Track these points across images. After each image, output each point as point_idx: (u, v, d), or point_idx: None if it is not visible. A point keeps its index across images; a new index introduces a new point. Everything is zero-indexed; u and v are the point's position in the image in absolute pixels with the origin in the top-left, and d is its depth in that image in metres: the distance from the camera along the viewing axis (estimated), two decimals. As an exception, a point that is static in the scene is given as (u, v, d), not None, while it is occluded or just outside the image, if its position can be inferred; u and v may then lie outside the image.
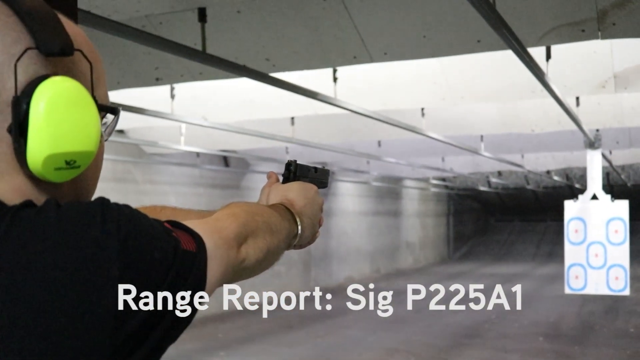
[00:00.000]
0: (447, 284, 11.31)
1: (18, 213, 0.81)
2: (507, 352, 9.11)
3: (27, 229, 0.80)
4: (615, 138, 9.96)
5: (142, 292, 0.83)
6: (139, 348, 0.84)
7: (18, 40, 0.86)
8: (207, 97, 6.91)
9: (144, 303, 0.83)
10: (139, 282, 0.83)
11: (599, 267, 6.24)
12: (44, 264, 0.78)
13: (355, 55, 4.37)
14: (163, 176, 11.52)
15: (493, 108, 7.98)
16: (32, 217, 0.81)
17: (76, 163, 0.88)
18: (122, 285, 0.81)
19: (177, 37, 3.82)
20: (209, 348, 9.27)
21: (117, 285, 0.81)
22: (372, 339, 9.94)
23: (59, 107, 0.86)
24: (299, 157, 11.21)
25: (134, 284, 0.82)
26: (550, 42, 4.09)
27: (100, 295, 0.80)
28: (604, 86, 5.82)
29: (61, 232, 0.80)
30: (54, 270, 0.78)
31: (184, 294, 0.88)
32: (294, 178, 1.41)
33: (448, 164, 14.37)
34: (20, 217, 0.81)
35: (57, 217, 0.82)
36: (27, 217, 0.81)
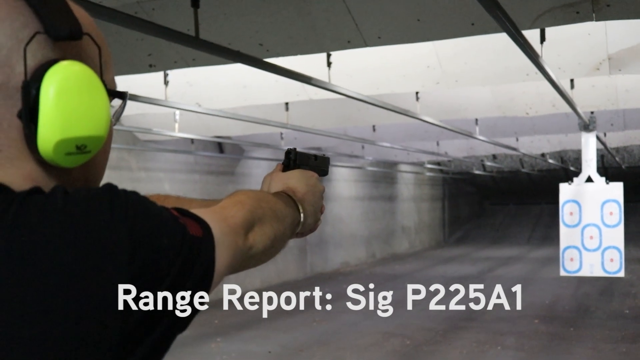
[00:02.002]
0: (444, 267, 11.41)
1: (26, 199, 0.81)
2: (502, 335, 9.16)
3: (34, 215, 0.80)
4: (610, 120, 9.97)
5: (151, 276, 0.83)
6: (149, 335, 0.84)
7: (26, 24, 0.85)
8: (201, 83, 6.88)
9: (153, 288, 0.83)
10: (149, 266, 0.83)
11: (594, 249, 6.25)
12: (53, 249, 0.78)
13: (349, 39, 4.35)
14: (157, 163, 11.50)
15: (487, 91, 7.97)
16: (39, 203, 0.81)
17: (87, 148, 0.88)
18: (132, 269, 0.81)
19: (170, 23, 3.80)
20: (205, 334, 9.30)
21: (127, 270, 0.81)
22: (368, 324, 9.98)
23: (69, 91, 0.85)
24: (294, 142, 11.21)
25: (144, 269, 0.82)
26: (545, 24, 4.07)
27: (111, 279, 0.79)
28: (599, 68, 5.81)
29: (69, 218, 0.80)
30: (63, 255, 0.78)
31: (193, 280, 0.88)
32: (294, 166, 1.41)
33: (443, 147, 14.37)
34: (28, 203, 0.81)
35: (64, 203, 0.81)
36: (34, 203, 0.81)
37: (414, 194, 23.55)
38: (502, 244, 24.35)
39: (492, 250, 22.55)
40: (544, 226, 25.62)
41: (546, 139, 13.85)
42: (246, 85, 6.88)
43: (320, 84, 5.12)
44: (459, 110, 8.50)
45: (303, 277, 15.79)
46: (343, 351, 8.50)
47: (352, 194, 18.72)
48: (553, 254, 17.59)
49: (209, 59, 4.68)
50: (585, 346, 8.51)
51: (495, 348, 8.50)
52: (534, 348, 8.49)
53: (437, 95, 7.98)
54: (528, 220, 27.11)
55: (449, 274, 15.54)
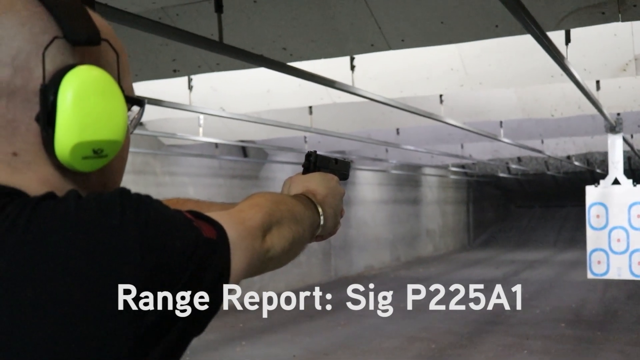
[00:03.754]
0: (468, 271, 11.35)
1: (39, 204, 0.81)
2: (529, 339, 9.08)
3: (47, 220, 0.80)
4: (637, 122, 9.85)
5: (164, 279, 0.82)
6: (163, 337, 0.83)
7: (45, 29, 0.86)
8: (225, 87, 6.91)
9: (167, 290, 0.82)
10: (161, 268, 0.82)
11: (622, 252, 6.17)
12: (64, 254, 0.78)
13: (372, 42, 4.34)
14: (182, 167, 11.56)
15: (512, 93, 7.92)
16: (52, 208, 0.81)
17: (104, 152, 0.88)
18: (144, 271, 0.81)
19: (193, 28, 3.82)
20: (230, 338, 9.32)
21: (139, 272, 0.80)
22: (392, 327, 9.95)
23: (87, 95, 0.86)
24: (317, 146, 11.21)
25: (156, 271, 0.82)
26: (570, 25, 4.04)
27: (123, 282, 0.79)
28: (625, 69, 5.75)
29: (80, 222, 0.80)
30: (74, 260, 0.78)
31: (208, 282, 0.87)
32: (314, 169, 1.40)
33: (467, 150, 14.30)
34: (41, 208, 0.81)
35: (76, 208, 0.81)
36: (47, 208, 0.81)
37: (438, 197, 23.45)
38: (528, 247, 24.16)
39: (517, 253, 22.38)
40: (570, 229, 25.37)
41: (572, 141, 13.73)
42: (270, 90, 6.89)
43: (343, 88, 5.12)
44: (483, 113, 8.45)
45: (327, 281, 15.77)
46: (368, 355, 8.48)
47: (376, 198, 18.68)
48: (580, 257, 17.41)
49: (232, 64, 4.69)
50: (613, 350, 8.42)
51: (522, 352, 8.43)
52: (560, 352, 8.41)
53: (461, 97, 7.94)
54: (554, 223, 26.88)
55: (473, 277, 15.43)
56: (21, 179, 0.86)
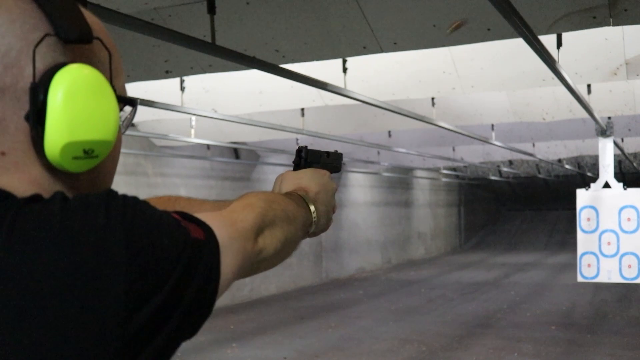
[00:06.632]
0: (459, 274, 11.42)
1: (24, 207, 0.80)
2: (519, 342, 9.10)
3: (31, 222, 0.78)
4: (627, 125, 9.90)
5: (152, 280, 0.80)
6: (152, 341, 0.81)
7: (36, 27, 0.84)
8: (217, 89, 6.91)
9: (155, 292, 0.80)
10: (149, 269, 0.80)
11: (612, 255, 6.20)
12: (48, 257, 0.76)
13: (364, 45, 4.35)
14: (174, 169, 11.55)
15: (504, 97, 7.94)
16: (36, 210, 0.79)
17: (94, 152, 0.87)
18: (131, 272, 0.78)
19: (186, 29, 3.82)
20: (221, 339, 9.31)
21: (126, 273, 0.78)
22: (384, 329, 9.95)
23: (78, 94, 0.84)
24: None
25: (144, 272, 0.79)
26: (561, 29, 4.05)
27: (109, 283, 0.77)
28: (616, 73, 5.78)
29: (65, 224, 0.78)
30: (58, 263, 0.76)
31: (197, 284, 0.86)
32: (305, 164, 1.39)
33: (459, 153, 14.34)
34: (25, 211, 0.79)
35: (61, 210, 0.79)
36: (31, 210, 0.79)
37: (429, 199, 23.49)
38: (519, 250, 24.22)
39: (508, 256, 22.43)
40: (561, 232, 25.46)
41: (563, 145, 13.79)
42: (262, 91, 6.89)
43: (336, 90, 5.13)
44: (474, 116, 8.48)
45: (318, 283, 15.77)
46: (359, 357, 8.48)
47: (367, 200, 18.69)
48: (570, 260, 17.47)
49: (225, 65, 4.69)
50: (603, 353, 8.44)
51: (512, 355, 8.44)
52: (550, 355, 8.43)
53: (453, 100, 7.96)
54: (545, 226, 26.95)
55: (464, 280, 15.46)
56: (9, 179, 0.84)
